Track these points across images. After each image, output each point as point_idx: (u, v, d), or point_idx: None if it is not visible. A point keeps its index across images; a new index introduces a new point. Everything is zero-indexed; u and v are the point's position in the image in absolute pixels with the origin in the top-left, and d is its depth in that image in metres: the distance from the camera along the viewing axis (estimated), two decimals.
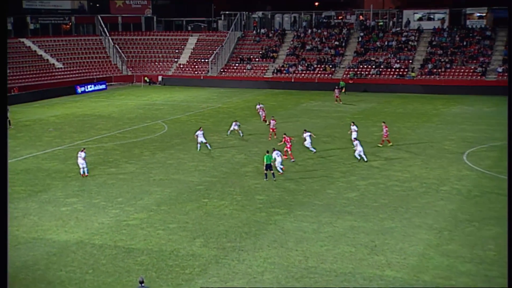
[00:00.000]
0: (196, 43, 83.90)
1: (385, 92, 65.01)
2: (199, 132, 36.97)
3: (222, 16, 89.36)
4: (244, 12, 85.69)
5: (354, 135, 36.66)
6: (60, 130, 44.60)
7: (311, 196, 27.47)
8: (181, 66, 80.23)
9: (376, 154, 35.47)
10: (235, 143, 38.71)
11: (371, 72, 70.37)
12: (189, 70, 79.04)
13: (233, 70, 77.28)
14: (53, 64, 74.13)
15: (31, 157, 35.72)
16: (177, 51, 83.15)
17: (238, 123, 40.92)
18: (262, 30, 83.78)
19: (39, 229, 23.23)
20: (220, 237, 22.33)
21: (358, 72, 70.69)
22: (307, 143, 35.75)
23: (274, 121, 40.52)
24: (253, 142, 39.48)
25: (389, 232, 22.64)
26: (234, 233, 22.75)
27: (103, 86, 71.38)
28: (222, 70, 77.78)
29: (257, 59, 78.40)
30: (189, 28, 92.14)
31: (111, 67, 79.38)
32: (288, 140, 34.32)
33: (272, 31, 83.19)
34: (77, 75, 73.27)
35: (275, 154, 30.83)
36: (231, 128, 41.01)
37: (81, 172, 31.10)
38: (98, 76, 74.54)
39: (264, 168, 30.05)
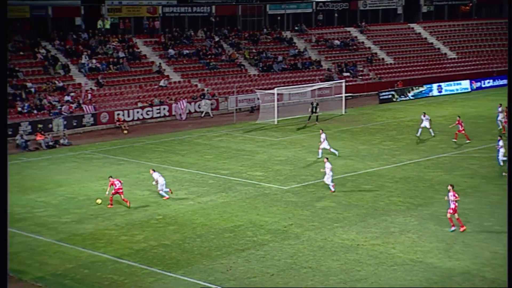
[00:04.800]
0: None
1: None
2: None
3: None
4: None
5: None
6: (447, 134, 45.23)
7: None
8: None
9: None
10: None
11: None
12: None
13: None
14: (445, 53, 75.64)
15: (412, 163, 37.02)
16: None
17: (428, 117, 41.66)
18: None
19: (419, 250, 23.92)
20: None
21: None
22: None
23: (459, 123, 42.05)
24: None
25: None
26: None
27: (504, 82, 69.95)
28: None
29: None
30: None
31: None
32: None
33: None
34: (472, 67, 73.24)
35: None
36: (421, 125, 41.80)
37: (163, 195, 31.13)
38: (498, 69, 73.25)
39: None
